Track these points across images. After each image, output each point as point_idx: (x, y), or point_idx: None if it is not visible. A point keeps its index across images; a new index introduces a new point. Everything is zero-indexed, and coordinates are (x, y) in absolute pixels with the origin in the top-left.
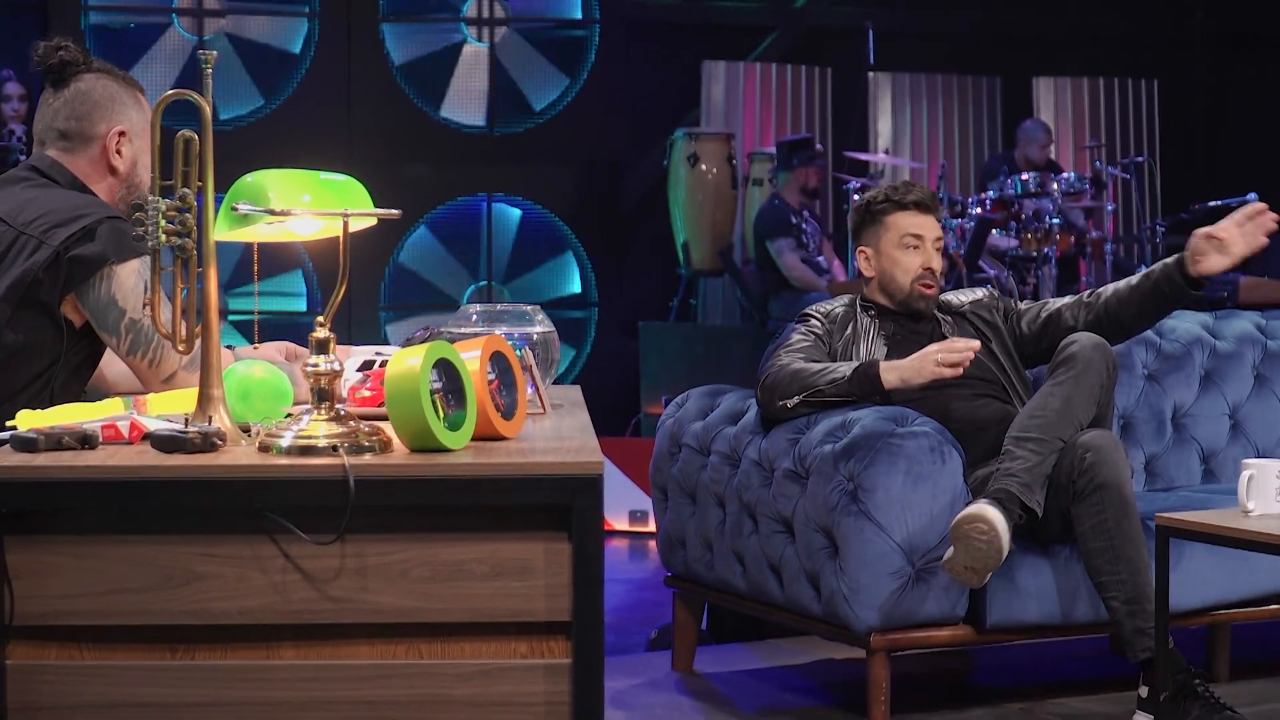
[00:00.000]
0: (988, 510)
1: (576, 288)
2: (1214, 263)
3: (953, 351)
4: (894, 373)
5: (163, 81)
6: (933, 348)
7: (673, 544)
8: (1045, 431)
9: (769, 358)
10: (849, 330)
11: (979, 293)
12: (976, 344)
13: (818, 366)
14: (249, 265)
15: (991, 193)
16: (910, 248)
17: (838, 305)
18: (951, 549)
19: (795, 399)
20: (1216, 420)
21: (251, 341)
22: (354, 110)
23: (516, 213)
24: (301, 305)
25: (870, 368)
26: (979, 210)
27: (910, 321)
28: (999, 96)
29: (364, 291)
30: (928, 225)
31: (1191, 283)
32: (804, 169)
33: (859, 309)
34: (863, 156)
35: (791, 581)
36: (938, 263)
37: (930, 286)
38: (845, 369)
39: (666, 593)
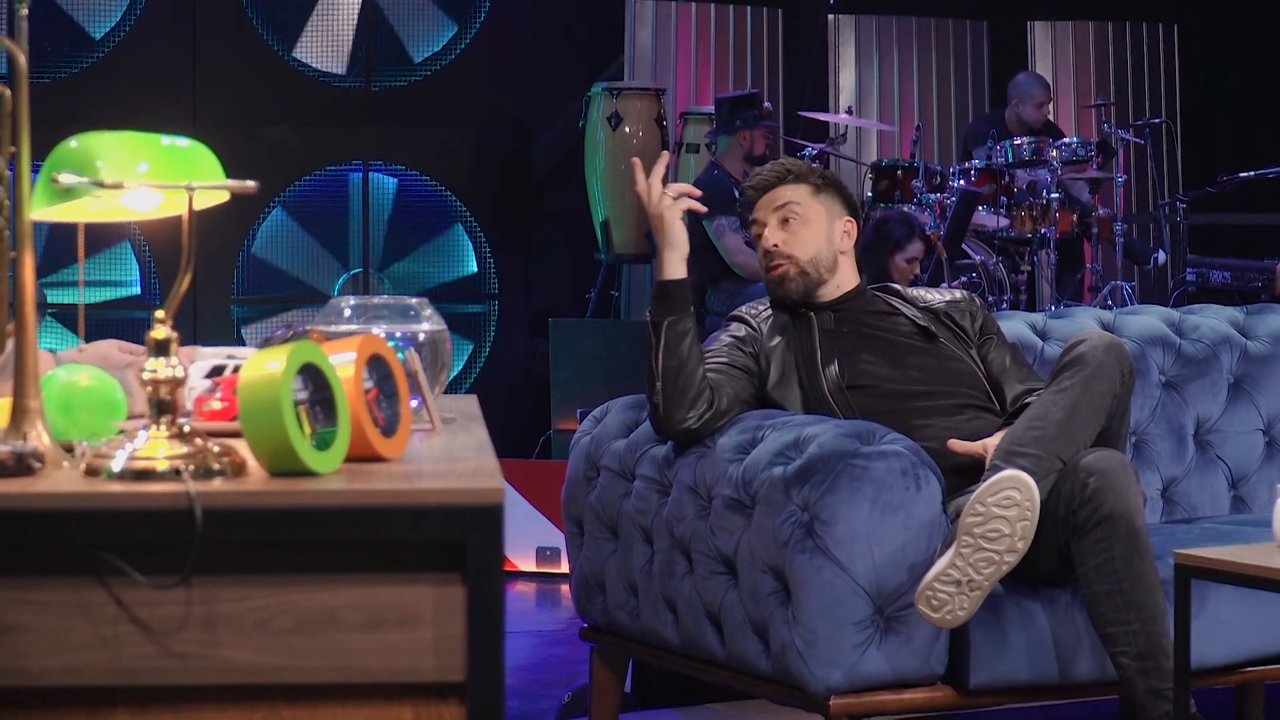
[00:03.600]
0: (1016, 474)
1: (473, 277)
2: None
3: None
4: (660, 255)
5: None
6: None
7: (590, 588)
8: (1043, 447)
9: None
10: (779, 338)
11: (957, 294)
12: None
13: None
14: (64, 248)
15: (977, 161)
16: (756, 236)
17: (765, 306)
18: (945, 557)
19: (656, 389)
20: (1248, 437)
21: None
22: (200, 60)
23: (397, 184)
24: (136, 294)
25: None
26: (962, 183)
27: (855, 314)
28: (986, 44)
29: (213, 281)
30: (765, 202)
31: None
32: (749, 132)
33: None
34: (821, 117)
35: (734, 633)
36: (785, 235)
37: (778, 266)
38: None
39: (582, 647)
